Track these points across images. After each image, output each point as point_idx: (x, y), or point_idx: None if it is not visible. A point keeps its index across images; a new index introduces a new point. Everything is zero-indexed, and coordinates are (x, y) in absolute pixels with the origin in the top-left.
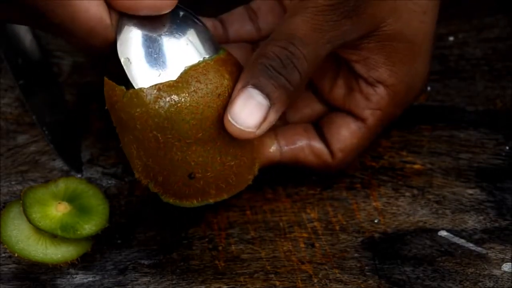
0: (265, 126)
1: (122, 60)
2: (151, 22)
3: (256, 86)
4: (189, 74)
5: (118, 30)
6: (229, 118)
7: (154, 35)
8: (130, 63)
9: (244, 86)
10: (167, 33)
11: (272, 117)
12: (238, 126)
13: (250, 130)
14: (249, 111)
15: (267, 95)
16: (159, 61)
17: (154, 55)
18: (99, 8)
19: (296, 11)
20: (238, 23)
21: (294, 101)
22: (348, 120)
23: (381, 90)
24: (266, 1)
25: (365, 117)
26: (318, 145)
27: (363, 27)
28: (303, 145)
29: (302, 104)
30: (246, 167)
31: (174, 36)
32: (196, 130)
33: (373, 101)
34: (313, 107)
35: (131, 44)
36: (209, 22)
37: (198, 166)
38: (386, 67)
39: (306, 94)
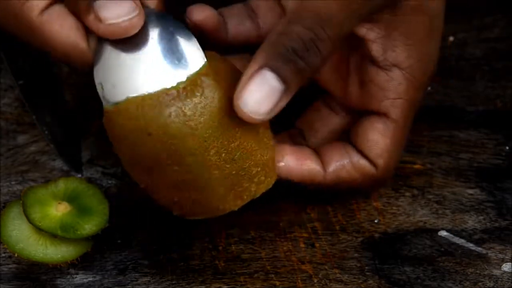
0: (276, 110)
1: (96, 85)
2: (131, 40)
3: (273, 69)
4: (163, 96)
5: (96, 52)
6: (239, 103)
7: (131, 55)
8: (102, 89)
9: (260, 67)
10: (145, 49)
11: (284, 102)
12: (247, 112)
13: (259, 117)
14: (261, 97)
15: (283, 79)
16: (135, 82)
17: (131, 76)
18: (72, 34)
19: None
20: (238, 19)
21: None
22: (372, 120)
23: (396, 74)
24: (265, 1)
25: (386, 110)
26: (357, 159)
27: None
28: (344, 163)
29: (319, 124)
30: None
31: (153, 53)
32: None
33: (390, 89)
34: (331, 123)
35: (105, 69)
36: (209, 13)
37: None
38: (405, 47)
39: (320, 114)
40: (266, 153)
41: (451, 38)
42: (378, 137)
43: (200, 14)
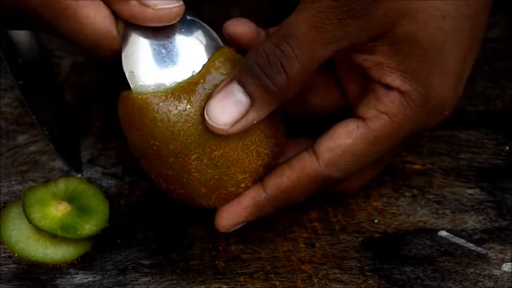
0: (242, 124)
1: (126, 74)
2: (158, 30)
3: (239, 82)
4: (195, 81)
5: (123, 41)
6: (205, 113)
7: (160, 43)
8: (134, 77)
9: (230, 80)
10: (172, 39)
11: (252, 116)
12: (209, 122)
13: (220, 127)
14: (223, 107)
15: (249, 94)
16: (165, 71)
17: (160, 64)
18: (106, 21)
19: (302, 8)
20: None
21: (284, 102)
22: (348, 120)
23: (395, 94)
24: None
25: (367, 117)
26: (298, 154)
27: (373, 28)
28: (281, 167)
29: (323, 87)
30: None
31: (180, 42)
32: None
33: (382, 102)
34: (332, 95)
35: (135, 57)
36: (246, 26)
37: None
38: (399, 73)
39: (328, 79)
40: (257, 161)
41: None
42: (342, 133)
43: (238, 27)
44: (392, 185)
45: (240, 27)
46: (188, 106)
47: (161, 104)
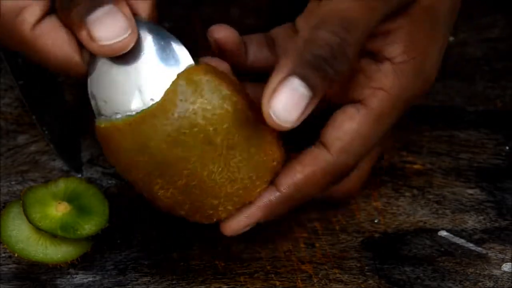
0: (303, 118)
1: (89, 95)
2: (124, 54)
3: (301, 77)
4: (167, 97)
5: (90, 63)
6: (269, 111)
7: (122, 69)
8: (96, 102)
9: (287, 75)
10: (135, 64)
11: (311, 108)
12: (278, 122)
13: (288, 125)
14: (291, 104)
15: (312, 87)
16: (127, 99)
17: (124, 88)
18: (65, 48)
19: None
20: (257, 46)
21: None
22: (345, 108)
23: (386, 67)
24: (284, 30)
25: (363, 97)
26: (308, 152)
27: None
28: (291, 165)
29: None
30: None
31: (142, 66)
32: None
33: (375, 79)
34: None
35: (98, 83)
36: (230, 33)
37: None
38: (403, 44)
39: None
40: (232, 186)
41: (451, 38)
42: (344, 120)
43: (222, 32)
44: (392, 185)
45: (225, 32)
46: (145, 139)
47: (119, 135)
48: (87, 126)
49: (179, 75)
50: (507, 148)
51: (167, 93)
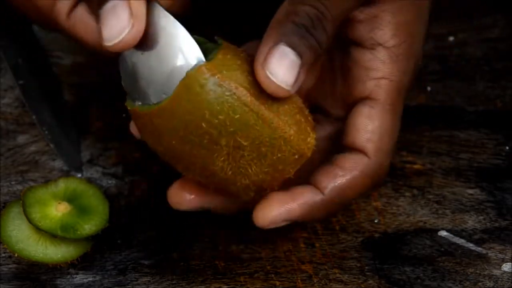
0: (297, 85)
1: (123, 84)
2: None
3: (289, 44)
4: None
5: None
6: (267, 73)
7: (141, 57)
8: (131, 90)
9: (276, 43)
10: (159, 48)
11: (302, 77)
12: (277, 82)
13: (288, 88)
14: (285, 68)
15: (299, 54)
16: (143, 87)
17: (141, 78)
18: (97, 35)
19: None
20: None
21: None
22: (357, 108)
23: (381, 53)
24: (255, 43)
25: (370, 91)
26: (346, 157)
27: None
28: (337, 173)
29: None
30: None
31: (156, 56)
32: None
33: (373, 68)
34: (321, 132)
35: (129, 73)
36: None
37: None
38: (391, 26)
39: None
40: (246, 179)
41: (451, 38)
42: (365, 121)
43: None
44: (392, 185)
45: None
46: (158, 132)
47: (139, 121)
48: (87, 126)
49: (187, 74)
50: (507, 148)
51: (175, 92)
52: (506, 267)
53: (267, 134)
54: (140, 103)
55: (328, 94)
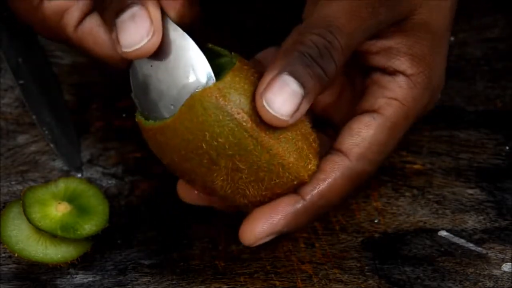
0: (297, 116)
1: (133, 96)
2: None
3: (292, 74)
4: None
5: (131, 64)
6: (264, 103)
7: (150, 69)
8: (139, 103)
9: (279, 73)
10: (170, 61)
11: (304, 107)
12: (272, 113)
13: (284, 118)
14: (284, 98)
15: (302, 84)
16: (151, 100)
17: (150, 91)
18: (108, 46)
19: None
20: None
21: (323, 92)
22: (359, 116)
23: (401, 78)
24: (271, 51)
25: (378, 106)
26: (324, 158)
27: (396, 15)
28: (316, 173)
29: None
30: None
31: (165, 70)
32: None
33: (389, 89)
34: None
35: (139, 85)
36: None
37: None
38: (408, 57)
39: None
40: (244, 198)
41: (451, 38)
42: (361, 127)
43: None
44: (392, 185)
45: None
46: (161, 148)
47: (146, 134)
48: (87, 126)
49: (192, 95)
50: (507, 148)
51: (179, 111)
52: (506, 267)
53: (265, 160)
54: (148, 114)
55: (345, 112)
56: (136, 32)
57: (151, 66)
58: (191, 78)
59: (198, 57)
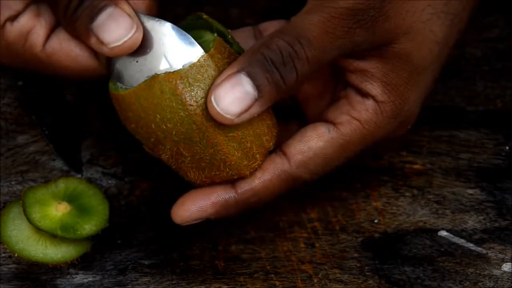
0: (245, 117)
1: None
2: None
3: (249, 74)
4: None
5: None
6: (212, 99)
7: (140, 58)
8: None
9: (237, 71)
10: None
11: (255, 110)
12: (217, 109)
13: (228, 116)
14: (233, 97)
15: (258, 87)
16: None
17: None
18: (81, 57)
19: (313, 8)
20: (243, 39)
21: (282, 99)
22: (317, 124)
23: (370, 102)
24: (273, 23)
25: (338, 121)
26: (268, 157)
27: (375, 40)
28: (259, 177)
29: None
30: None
31: (157, 56)
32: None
33: (356, 109)
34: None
35: (119, 71)
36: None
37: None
38: (381, 83)
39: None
40: (187, 177)
41: None
42: (312, 136)
43: None
44: (392, 185)
45: None
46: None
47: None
48: (87, 126)
49: (154, 75)
50: (507, 148)
51: (138, 86)
52: (506, 267)
53: (208, 154)
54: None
55: (318, 111)
56: (118, 28)
57: (137, 62)
58: (163, 64)
59: (174, 41)
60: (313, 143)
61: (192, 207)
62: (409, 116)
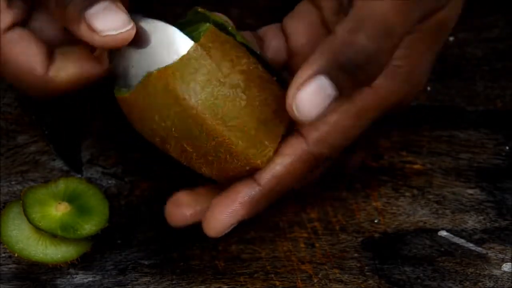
0: (323, 115)
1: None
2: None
3: (331, 77)
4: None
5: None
6: (293, 106)
7: (134, 53)
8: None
9: (317, 73)
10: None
11: (333, 106)
12: (297, 115)
13: (307, 120)
14: (316, 103)
15: (340, 88)
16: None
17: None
18: (34, 60)
19: None
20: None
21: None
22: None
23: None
24: (270, 29)
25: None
26: (283, 140)
27: (429, 7)
28: (273, 157)
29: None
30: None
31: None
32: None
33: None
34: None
35: (118, 66)
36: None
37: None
38: (405, 49)
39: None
40: (201, 172)
41: (451, 38)
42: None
43: None
44: (392, 185)
45: None
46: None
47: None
48: (87, 126)
49: (148, 75)
50: (507, 148)
51: (135, 88)
52: (506, 267)
53: (211, 146)
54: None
55: None
56: (115, 19)
57: (133, 66)
58: (156, 62)
59: (165, 37)
60: (327, 117)
61: (222, 216)
62: (420, 80)
